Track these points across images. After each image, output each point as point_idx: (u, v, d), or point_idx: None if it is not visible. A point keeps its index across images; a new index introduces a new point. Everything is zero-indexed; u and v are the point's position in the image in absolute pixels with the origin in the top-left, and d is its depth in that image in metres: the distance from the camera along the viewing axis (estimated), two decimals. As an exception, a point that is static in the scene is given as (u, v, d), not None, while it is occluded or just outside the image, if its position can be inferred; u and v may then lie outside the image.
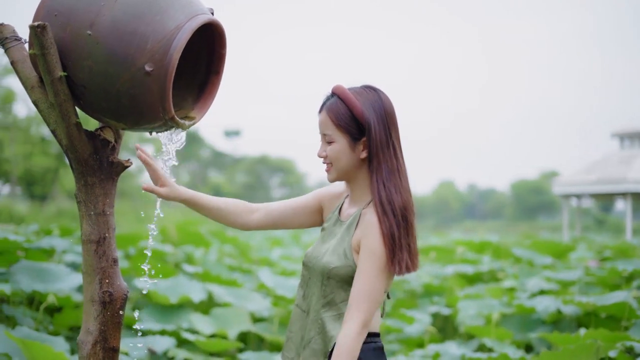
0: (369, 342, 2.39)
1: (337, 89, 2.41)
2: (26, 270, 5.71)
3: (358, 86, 2.45)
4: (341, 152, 2.39)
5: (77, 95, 2.27)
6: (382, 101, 2.39)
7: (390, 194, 2.33)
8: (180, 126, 2.34)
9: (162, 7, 2.21)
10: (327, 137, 2.41)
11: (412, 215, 2.37)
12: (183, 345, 5.63)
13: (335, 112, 2.37)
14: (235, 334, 5.80)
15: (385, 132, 2.37)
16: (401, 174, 2.39)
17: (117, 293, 2.42)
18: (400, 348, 6.07)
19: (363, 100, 2.37)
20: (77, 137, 2.30)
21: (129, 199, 34.51)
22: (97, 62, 2.17)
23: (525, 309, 5.77)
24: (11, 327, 4.93)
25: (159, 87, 2.19)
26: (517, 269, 7.83)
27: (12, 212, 20.60)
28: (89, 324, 2.39)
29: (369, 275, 2.31)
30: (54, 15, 2.23)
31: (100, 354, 2.38)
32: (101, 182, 2.38)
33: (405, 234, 2.33)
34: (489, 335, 5.47)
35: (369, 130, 2.35)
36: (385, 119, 2.38)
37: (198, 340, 5.30)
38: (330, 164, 2.43)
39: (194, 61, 2.50)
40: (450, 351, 5.06)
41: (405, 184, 2.39)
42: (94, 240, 2.38)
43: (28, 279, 5.58)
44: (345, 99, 2.37)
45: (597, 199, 30.36)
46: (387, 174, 2.36)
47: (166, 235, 8.67)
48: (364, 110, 2.36)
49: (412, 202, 2.39)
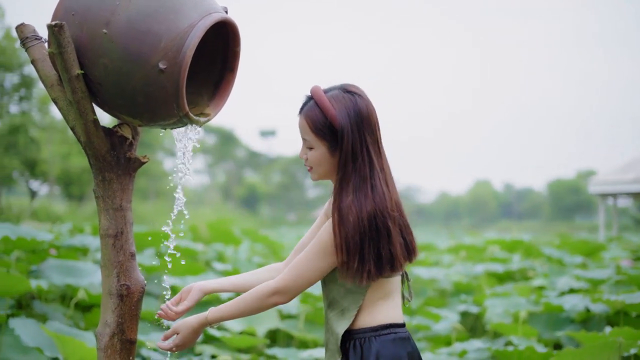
0: (387, 334, 2.42)
1: (313, 93, 2.42)
2: (57, 268, 5.82)
3: (337, 86, 2.44)
4: (321, 158, 2.42)
5: (94, 93, 2.32)
6: (357, 105, 2.38)
7: (359, 205, 2.32)
8: (195, 122, 2.39)
9: (176, 6, 2.25)
10: (307, 142, 2.43)
11: (386, 220, 2.34)
12: (211, 341, 5.69)
13: (312, 118, 2.38)
14: (264, 331, 5.84)
15: (359, 139, 2.36)
16: (374, 180, 2.36)
17: (135, 286, 2.47)
18: (428, 345, 6.08)
19: (338, 105, 2.37)
20: (94, 133, 2.36)
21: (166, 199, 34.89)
22: (112, 60, 2.22)
23: (553, 307, 5.73)
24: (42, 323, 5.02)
25: (172, 84, 2.23)
26: (548, 268, 7.78)
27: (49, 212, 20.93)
28: (106, 317, 2.45)
29: (307, 254, 2.38)
30: (72, 14, 2.28)
31: (118, 345, 2.44)
32: (118, 178, 2.44)
33: (373, 243, 2.33)
34: (515, 333, 5.45)
35: (341, 139, 2.35)
36: (361, 124, 2.37)
37: (224, 337, 5.35)
38: (312, 167, 2.47)
39: (210, 58, 2.55)
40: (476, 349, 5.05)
41: (381, 188, 2.36)
42: (111, 235, 2.44)
43: (59, 276, 5.68)
44: (321, 104, 2.38)
45: (635, 198, 29.92)
46: (359, 183, 2.35)
47: (197, 234, 8.76)
48: (338, 116, 2.35)
49: (388, 205, 2.35)
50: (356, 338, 2.42)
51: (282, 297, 2.40)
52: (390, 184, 2.41)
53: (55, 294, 6.27)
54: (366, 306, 2.43)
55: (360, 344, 2.41)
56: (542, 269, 8.00)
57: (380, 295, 2.44)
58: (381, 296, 2.44)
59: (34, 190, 26.14)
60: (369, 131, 2.39)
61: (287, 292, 2.39)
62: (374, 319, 2.42)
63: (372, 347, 2.39)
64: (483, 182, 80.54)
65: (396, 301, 2.49)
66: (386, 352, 2.39)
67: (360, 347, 2.41)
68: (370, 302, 2.43)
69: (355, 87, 2.45)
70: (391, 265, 2.36)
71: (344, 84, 2.46)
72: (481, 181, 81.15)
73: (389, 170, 2.45)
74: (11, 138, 20.84)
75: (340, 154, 2.37)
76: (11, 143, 21.14)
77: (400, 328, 2.46)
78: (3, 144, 20.98)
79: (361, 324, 2.42)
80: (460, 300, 7.28)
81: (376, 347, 2.39)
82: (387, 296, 2.45)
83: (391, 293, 2.47)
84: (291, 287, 2.39)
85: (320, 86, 2.44)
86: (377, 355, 2.38)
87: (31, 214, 19.25)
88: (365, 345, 2.40)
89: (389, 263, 2.35)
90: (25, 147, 21.65)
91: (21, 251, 6.26)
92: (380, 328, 2.42)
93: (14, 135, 20.65)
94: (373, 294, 2.42)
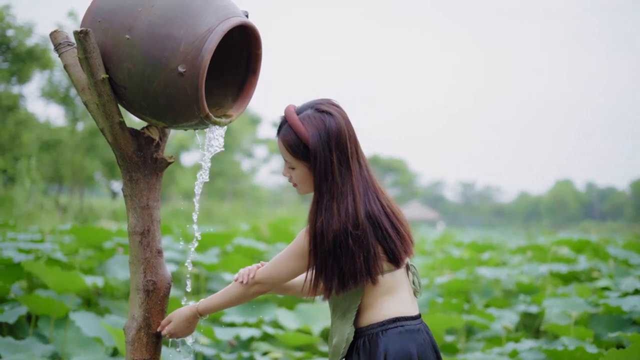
0: (394, 327, 2.46)
1: (286, 115, 2.47)
2: (121, 264, 6.02)
3: (310, 104, 2.49)
4: (303, 177, 2.49)
5: (119, 96, 2.43)
6: (326, 125, 2.42)
7: (326, 225, 2.41)
8: (216, 123, 2.46)
9: (195, 11, 2.33)
10: (287, 163, 2.50)
11: (348, 239, 2.40)
12: (265, 338, 5.78)
13: (289, 141, 2.44)
14: (319, 329, 5.90)
15: (330, 158, 2.41)
16: (342, 198, 2.42)
17: (161, 282, 2.56)
18: (484, 345, 6.04)
19: (310, 127, 2.42)
20: (120, 135, 2.46)
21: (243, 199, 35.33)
22: (135, 64, 2.32)
23: (612, 309, 5.61)
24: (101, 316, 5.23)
25: (192, 87, 2.31)
26: (613, 269, 7.60)
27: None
28: (134, 311, 2.55)
29: (286, 253, 2.52)
30: (98, 21, 2.39)
31: (144, 339, 2.53)
32: (145, 178, 2.54)
33: (335, 260, 2.41)
34: (568, 334, 5.36)
35: (314, 160, 2.42)
36: (331, 144, 2.42)
37: (278, 335, 5.44)
38: (296, 184, 2.54)
39: (235, 61, 2.62)
40: (528, 349, 5.00)
41: (346, 207, 2.42)
42: (138, 232, 2.53)
43: (123, 272, 5.89)
44: (294, 127, 2.43)
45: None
46: (328, 202, 2.42)
47: (258, 233, 8.88)
48: (310, 139, 2.41)
49: (351, 224, 2.41)
50: (365, 335, 2.47)
51: (262, 287, 2.54)
52: (360, 201, 2.44)
53: (121, 290, 6.49)
54: (370, 304, 2.48)
55: (369, 340, 2.46)
56: (608, 270, 7.82)
57: (383, 292, 2.48)
58: (384, 292, 2.49)
59: (115, 191, 26.82)
60: (339, 149, 2.43)
61: (265, 283, 2.53)
62: (380, 315, 2.48)
63: (380, 343, 2.44)
64: (564, 182, 78.83)
65: (403, 295, 2.53)
66: (393, 347, 2.43)
67: (369, 343, 2.46)
68: (373, 299, 2.48)
69: (326, 105, 2.48)
70: (354, 280, 2.43)
71: (316, 101, 2.50)
72: (562, 180, 79.47)
73: (367, 182, 2.49)
74: (92, 140, 21.43)
75: (314, 175, 2.44)
76: (92, 145, 21.74)
77: (409, 321, 2.50)
78: (84, 146, 21.60)
79: (368, 321, 2.48)
80: (523, 301, 7.19)
81: (384, 343, 2.44)
82: (391, 291, 2.50)
83: (395, 288, 2.51)
84: (269, 280, 2.53)
85: (293, 106, 2.49)
86: (385, 352, 2.42)
87: (111, 214, 19.76)
88: (374, 341, 2.45)
89: (351, 278, 2.43)
90: (105, 148, 22.22)
91: (89, 249, 6.51)
92: (387, 322, 2.47)
93: (95, 138, 21.22)
94: (373, 291, 2.48)
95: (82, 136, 21.55)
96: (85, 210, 19.27)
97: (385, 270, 2.47)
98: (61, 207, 17.73)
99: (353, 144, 2.47)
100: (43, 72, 17.97)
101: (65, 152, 21.11)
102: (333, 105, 2.49)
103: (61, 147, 20.68)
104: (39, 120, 19.53)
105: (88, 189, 26.34)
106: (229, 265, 6.77)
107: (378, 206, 2.47)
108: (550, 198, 75.57)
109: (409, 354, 2.43)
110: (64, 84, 20.02)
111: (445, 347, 5.94)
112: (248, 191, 37.56)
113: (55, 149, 20.38)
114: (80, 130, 21.47)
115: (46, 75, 19.51)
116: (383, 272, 2.47)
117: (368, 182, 2.48)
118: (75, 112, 20.78)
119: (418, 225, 36.27)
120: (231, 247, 8.22)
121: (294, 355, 5.29)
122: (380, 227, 2.45)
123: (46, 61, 15.54)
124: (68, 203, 19.65)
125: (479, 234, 29.33)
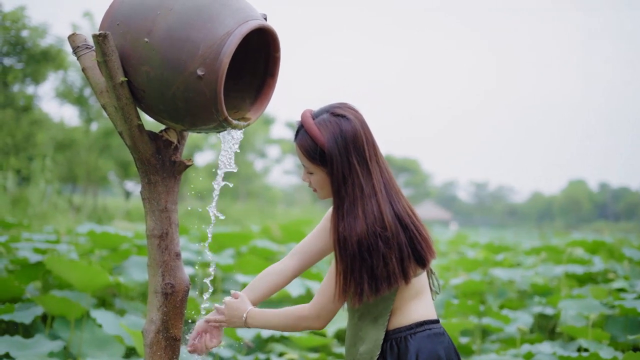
0: (422, 331, 2.47)
1: (303, 120, 2.48)
2: (137, 265, 6.04)
3: (326, 108, 2.49)
4: (322, 182, 2.49)
5: (138, 99, 2.43)
6: (342, 129, 2.42)
7: (349, 229, 2.39)
8: (235, 127, 2.46)
9: (214, 15, 2.33)
10: (306, 168, 2.50)
11: (378, 241, 2.39)
12: (281, 340, 5.78)
13: (306, 147, 2.45)
14: (333, 331, 5.90)
15: (347, 163, 2.41)
16: (365, 201, 2.41)
17: (179, 285, 2.56)
18: (499, 347, 6.02)
19: (326, 132, 2.42)
20: (139, 138, 2.46)
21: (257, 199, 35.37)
22: (153, 67, 2.32)
23: (628, 310, 5.58)
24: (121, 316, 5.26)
25: (210, 90, 2.31)
26: (629, 270, 7.56)
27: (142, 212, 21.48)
28: (152, 314, 2.55)
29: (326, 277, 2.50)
30: (117, 24, 2.39)
31: (162, 342, 2.53)
32: (163, 180, 2.53)
33: (363, 264, 2.39)
34: (585, 336, 5.34)
35: (330, 165, 2.42)
36: (347, 148, 2.41)
37: (293, 336, 5.44)
38: (316, 189, 2.53)
39: (253, 64, 2.62)
40: (544, 351, 4.98)
41: (372, 209, 2.40)
42: (157, 235, 2.53)
43: (139, 273, 5.90)
44: (310, 132, 2.44)
45: None
46: (349, 206, 2.41)
47: (270, 234, 8.89)
48: (326, 144, 2.41)
49: (379, 225, 2.40)
50: (392, 339, 2.47)
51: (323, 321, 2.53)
52: (384, 202, 2.43)
53: (137, 291, 6.51)
54: (398, 308, 2.48)
55: (397, 343, 2.46)
56: (623, 271, 7.78)
57: (411, 295, 2.48)
58: (412, 296, 2.48)
59: (128, 191, 26.89)
60: (357, 152, 2.42)
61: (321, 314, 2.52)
62: (408, 318, 2.48)
63: (410, 346, 2.43)
64: (577, 182, 78.49)
65: (427, 298, 2.54)
66: (425, 349, 2.43)
67: (397, 346, 2.45)
68: (401, 303, 2.48)
69: (342, 108, 2.48)
70: (388, 283, 2.41)
71: (332, 105, 2.50)
72: (575, 180, 79.12)
73: (389, 184, 2.47)
74: (106, 140, 21.50)
75: (332, 180, 2.43)
76: (106, 145, 21.81)
77: (434, 324, 2.52)
78: (98, 146, 21.67)
79: (396, 325, 2.48)
80: (538, 302, 7.16)
81: (415, 345, 2.43)
82: (418, 295, 2.50)
83: (421, 291, 2.51)
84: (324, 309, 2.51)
85: (310, 111, 2.49)
86: (417, 353, 2.42)
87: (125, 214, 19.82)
88: (402, 344, 2.45)
89: (384, 281, 2.40)
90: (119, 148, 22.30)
91: (105, 250, 6.52)
92: (415, 326, 2.47)
93: (109, 138, 21.29)
94: (403, 295, 2.47)
95: (96, 136, 21.62)
96: (99, 210, 19.34)
97: (417, 272, 2.47)
98: (75, 207, 17.80)
99: (371, 147, 2.46)
100: (57, 73, 18.01)
101: (79, 152, 21.19)
102: (349, 108, 2.48)
103: (75, 147, 20.75)
104: (53, 120, 19.58)
105: (102, 189, 26.41)
106: (244, 266, 6.79)
107: (403, 207, 2.46)
108: (564, 198, 75.27)
109: (438, 356, 2.44)
110: (78, 85, 20.10)
111: (460, 349, 5.93)
112: (261, 191, 37.59)
113: (70, 149, 20.44)
114: (94, 131, 21.55)
115: (60, 75, 19.59)
116: (416, 273, 2.47)
117: (390, 184, 2.47)
118: (90, 113, 20.84)
119: (431, 225, 36.22)
120: (246, 248, 8.23)
121: (309, 357, 5.28)
122: (407, 228, 2.44)
123: (61, 61, 15.59)
124: (82, 203, 19.73)
125: (492, 235, 29.27)
